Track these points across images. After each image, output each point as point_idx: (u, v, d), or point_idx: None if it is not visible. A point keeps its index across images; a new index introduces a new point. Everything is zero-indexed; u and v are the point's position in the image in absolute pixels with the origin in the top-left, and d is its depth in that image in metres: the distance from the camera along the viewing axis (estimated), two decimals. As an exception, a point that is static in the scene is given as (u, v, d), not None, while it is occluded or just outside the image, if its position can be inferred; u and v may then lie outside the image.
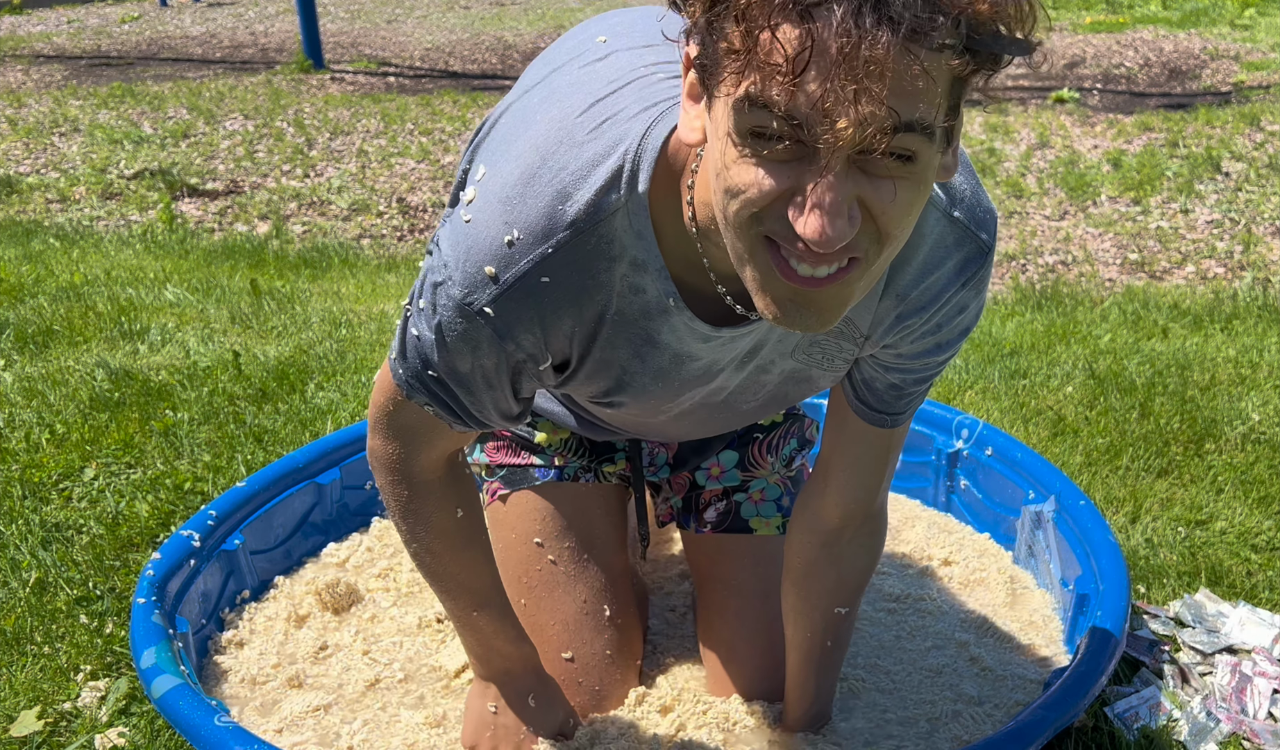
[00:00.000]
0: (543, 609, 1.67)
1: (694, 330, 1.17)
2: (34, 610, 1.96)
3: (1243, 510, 2.19)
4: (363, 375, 2.97)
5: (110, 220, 4.98)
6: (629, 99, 1.13)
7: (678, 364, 1.23)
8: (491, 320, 1.12)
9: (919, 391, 1.33)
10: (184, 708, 1.45)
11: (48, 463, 2.49)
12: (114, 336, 3.32)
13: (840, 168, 0.89)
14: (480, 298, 1.11)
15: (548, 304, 1.13)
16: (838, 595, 1.50)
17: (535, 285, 1.11)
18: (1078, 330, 3.21)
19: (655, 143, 1.08)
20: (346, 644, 1.85)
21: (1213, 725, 1.62)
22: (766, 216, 0.93)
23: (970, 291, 1.22)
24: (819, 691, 1.59)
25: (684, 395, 1.30)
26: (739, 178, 0.92)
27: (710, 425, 1.46)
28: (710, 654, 1.73)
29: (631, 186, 1.08)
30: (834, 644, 1.55)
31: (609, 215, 1.09)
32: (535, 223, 1.09)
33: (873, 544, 1.49)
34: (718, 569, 1.75)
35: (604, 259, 1.12)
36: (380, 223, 4.93)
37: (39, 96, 7.95)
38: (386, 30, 10.92)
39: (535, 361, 1.17)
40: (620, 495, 1.80)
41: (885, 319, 1.22)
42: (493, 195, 1.11)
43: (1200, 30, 8.67)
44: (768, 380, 1.33)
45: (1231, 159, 5.14)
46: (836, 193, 0.89)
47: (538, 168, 1.10)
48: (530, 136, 1.13)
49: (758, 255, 0.97)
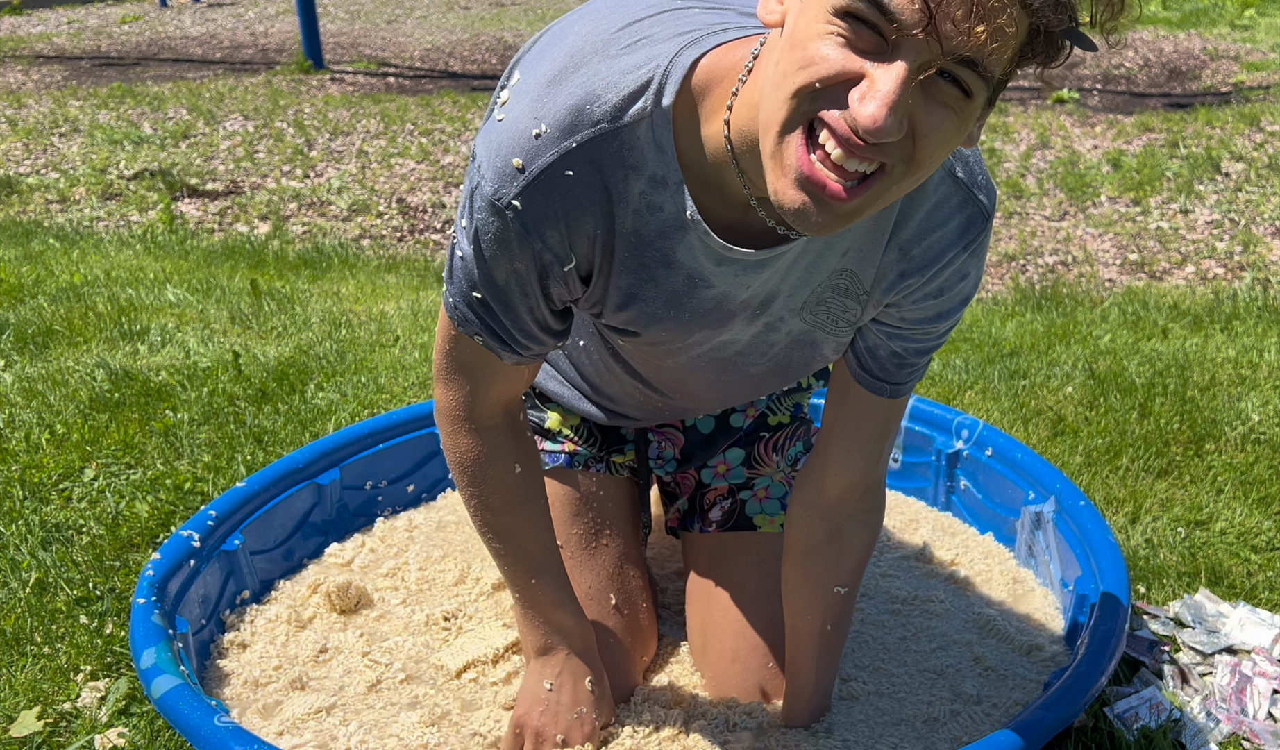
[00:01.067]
0: None
1: (708, 247, 1.21)
2: (34, 610, 1.96)
3: (1243, 510, 2.19)
4: (362, 375, 2.97)
5: (110, 221, 4.98)
6: (666, 24, 1.18)
7: (690, 287, 1.26)
8: (520, 214, 1.17)
9: (920, 363, 1.37)
10: (184, 708, 1.45)
11: (48, 463, 2.49)
12: (114, 337, 3.32)
13: (911, 71, 0.95)
14: (509, 190, 1.16)
15: (571, 200, 1.17)
16: (838, 573, 1.51)
17: (560, 177, 1.15)
18: (1078, 331, 3.21)
19: (684, 63, 1.14)
20: (349, 645, 1.85)
21: (1212, 725, 1.62)
22: (825, 94, 0.98)
23: (972, 257, 1.26)
24: (819, 679, 1.58)
25: (694, 334, 1.33)
26: (818, 50, 0.97)
27: (717, 390, 1.50)
28: (710, 653, 1.73)
29: (658, 99, 1.13)
30: (834, 628, 1.55)
31: (634, 122, 1.14)
32: (562, 117, 1.13)
33: (872, 520, 1.51)
34: (720, 567, 1.75)
35: (624, 166, 1.16)
36: (380, 223, 4.93)
37: (39, 97, 7.95)
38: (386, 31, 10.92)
39: (561, 262, 1.21)
40: (631, 488, 1.80)
41: (889, 274, 1.26)
42: (525, 93, 1.17)
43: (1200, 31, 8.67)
44: (775, 341, 1.37)
45: (1231, 159, 5.14)
46: (901, 89, 0.94)
47: (570, 70, 1.15)
48: (566, 44, 1.18)
49: (792, 134, 1.01)
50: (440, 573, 2.04)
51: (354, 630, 1.89)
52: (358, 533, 2.21)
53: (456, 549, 2.12)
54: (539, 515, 1.49)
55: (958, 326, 3.27)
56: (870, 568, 2.05)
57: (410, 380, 2.94)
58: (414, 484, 2.31)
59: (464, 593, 1.98)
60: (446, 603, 1.94)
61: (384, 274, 4.08)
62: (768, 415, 1.79)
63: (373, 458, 2.24)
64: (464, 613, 1.91)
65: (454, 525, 2.23)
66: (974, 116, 1.00)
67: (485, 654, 1.78)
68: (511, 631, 1.83)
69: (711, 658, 1.73)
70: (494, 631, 1.83)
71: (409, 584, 2.02)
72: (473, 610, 1.92)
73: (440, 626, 1.88)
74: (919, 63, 0.94)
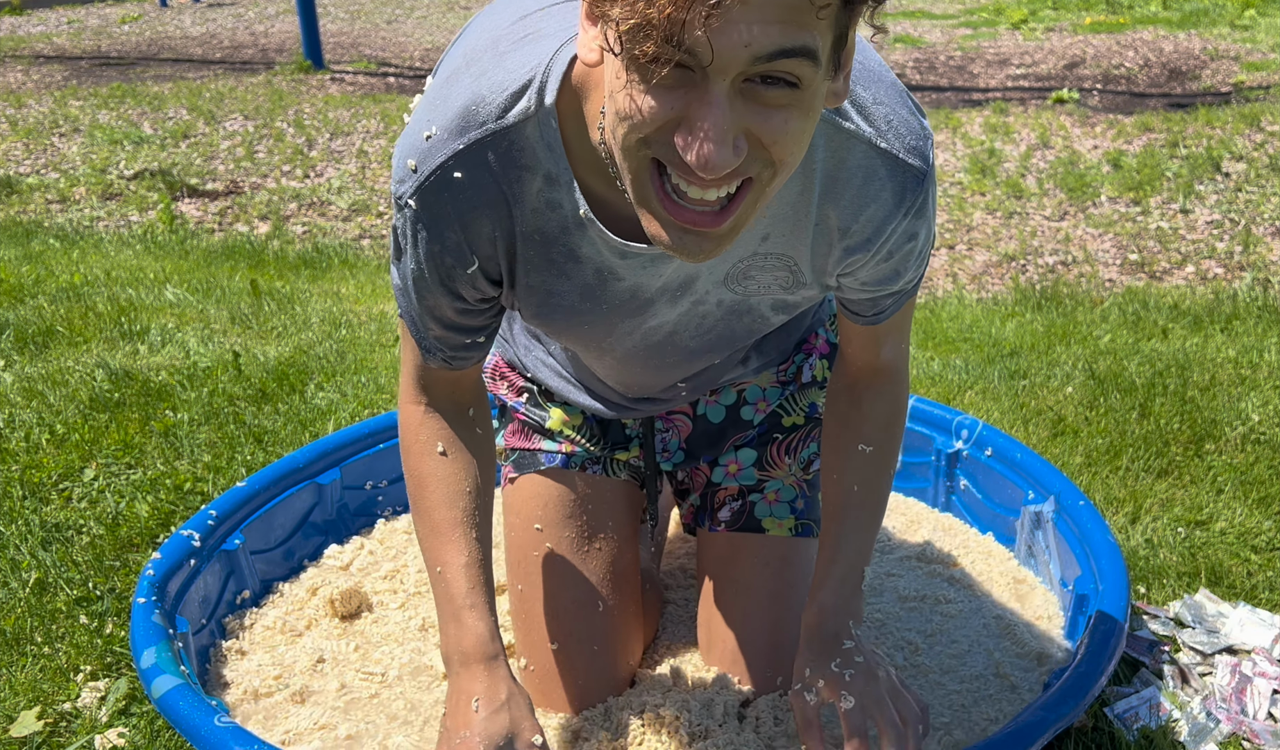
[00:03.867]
0: (535, 596, 1.67)
1: (609, 243, 1.21)
2: (34, 610, 1.96)
3: (1243, 511, 2.19)
4: (362, 375, 2.97)
5: (110, 221, 4.98)
6: (553, 20, 1.19)
7: (601, 280, 1.27)
8: (417, 213, 1.20)
9: (894, 302, 1.38)
10: (184, 708, 1.45)
11: (48, 463, 2.49)
12: (114, 337, 3.32)
13: (726, 95, 0.92)
14: (405, 190, 1.19)
15: (463, 202, 1.18)
16: (860, 432, 1.50)
17: (450, 180, 1.16)
18: (1078, 331, 3.21)
19: (563, 61, 1.13)
20: (345, 652, 1.84)
21: (1212, 726, 1.62)
22: (654, 141, 0.97)
23: (915, 219, 1.25)
24: (845, 546, 1.49)
25: (619, 325, 1.35)
26: (627, 103, 0.95)
27: (668, 367, 1.51)
28: (714, 651, 1.73)
29: (540, 98, 1.13)
30: (860, 490, 1.49)
31: (520, 121, 1.14)
32: (450, 119, 1.15)
33: (889, 390, 1.51)
34: (728, 568, 1.75)
35: (516, 167, 1.17)
36: (380, 223, 4.93)
37: (39, 97, 7.95)
38: (386, 31, 10.92)
39: (461, 264, 1.23)
40: (629, 491, 1.78)
41: (832, 254, 1.27)
42: (423, 99, 1.21)
43: (1200, 31, 8.67)
44: (707, 313, 1.38)
45: (1231, 159, 5.14)
46: (721, 121, 0.92)
47: (461, 70, 1.17)
48: (464, 44, 1.22)
49: (645, 183, 1.00)
50: (440, 573, 2.04)
51: (352, 635, 1.89)
52: (357, 535, 2.20)
53: (456, 549, 2.12)
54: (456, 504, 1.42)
55: (958, 326, 3.27)
56: (875, 566, 2.05)
57: (410, 380, 2.94)
58: (414, 484, 2.31)
59: (463, 593, 1.98)
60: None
61: (384, 274, 4.08)
62: (781, 415, 1.76)
63: (373, 458, 2.24)
64: (463, 613, 1.91)
65: (454, 525, 2.23)
66: (820, 93, 0.96)
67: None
68: (505, 635, 1.82)
69: (715, 656, 1.73)
70: (493, 632, 1.83)
71: (407, 587, 2.02)
72: (472, 610, 1.92)
73: (435, 630, 1.88)
74: (729, 81, 0.91)
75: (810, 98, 0.95)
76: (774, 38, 0.88)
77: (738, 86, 0.92)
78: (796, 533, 1.74)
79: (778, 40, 0.88)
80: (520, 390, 1.77)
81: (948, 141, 5.82)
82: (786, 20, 0.88)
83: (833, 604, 1.46)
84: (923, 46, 8.57)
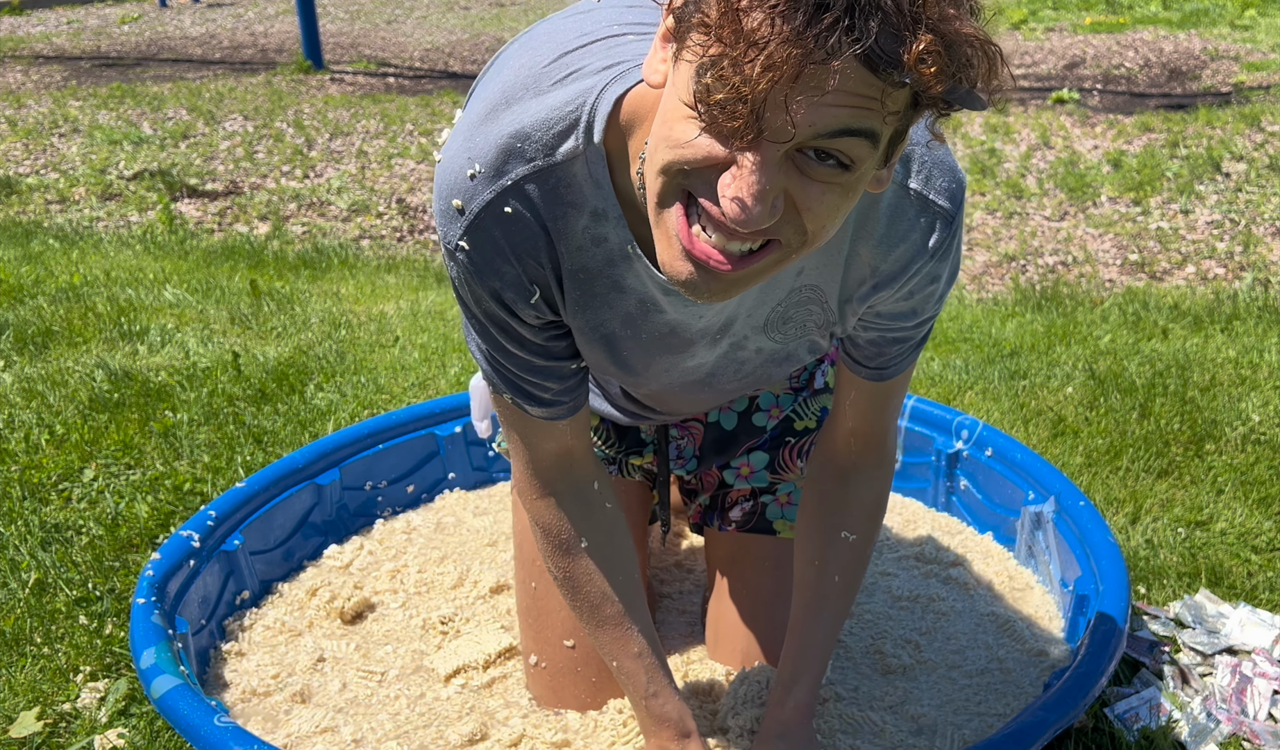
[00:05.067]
0: (551, 593, 1.67)
1: (655, 278, 1.21)
2: (33, 611, 1.96)
3: (1243, 511, 2.19)
4: (362, 376, 2.97)
5: (110, 221, 4.98)
6: (595, 55, 1.17)
7: (644, 311, 1.26)
8: (470, 255, 1.17)
9: (898, 354, 1.36)
10: (183, 708, 1.45)
11: (47, 464, 2.49)
12: (113, 337, 3.32)
13: (776, 158, 0.92)
14: (454, 233, 1.17)
15: (516, 234, 1.17)
16: (845, 519, 1.48)
17: (500, 215, 1.15)
18: (1078, 331, 3.21)
19: (609, 98, 1.13)
20: (346, 652, 1.84)
21: (1213, 726, 1.62)
22: (694, 175, 0.96)
23: (940, 262, 1.24)
24: (822, 645, 1.50)
25: (657, 360, 1.33)
26: (682, 133, 0.95)
27: (702, 403, 1.52)
28: (721, 649, 1.73)
29: (589, 136, 1.13)
30: (840, 581, 1.49)
31: (568, 161, 1.13)
32: (494, 157, 1.13)
33: (877, 474, 1.49)
34: (737, 569, 1.75)
35: (564, 203, 1.16)
36: (380, 223, 4.92)
37: (39, 97, 7.95)
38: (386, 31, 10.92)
39: (524, 296, 1.21)
40: (642, 495, 1.80)
41: (861, 289, 1.26)
42: (460, 132, 1.18)
43: (1200, 31, 8.67)
44: (745, 359, 1.37)
45: (1232, 159, 5.14)
46: (763, 180, 0.92)
47: (501, 107, 1.15)
48: (501, 80, 1.19)
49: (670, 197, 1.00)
50: (439, 575, 2.04)
51: (353, 635, 1.89)
52: (356, 535, 2.20)
53: (455, 551, 2.12)
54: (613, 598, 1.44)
55: (958, 326, 3.27)
56: (871, 566, 2.05)
57: (410, 380, 2.94)
58: (414, 484, 2.31)
59: (462, 596, 1.98)
60: (444, 606, 1.94)
61: (384, 274, 4.08)
62: (793, 419, 1.77)
63: (373, 458, 2.24)
64: (461, 615, 1.91)
65: (452, 527, 2.24)
66: (866, 177, 0.97)
67: (476, 659, 1.78)
68: (506, 635, 1.82)
69: (722, 654, 1.74)
70: (489, 635, 1.83)
71: (407, 587, 2.02)
72: (470, 613, 1.92)
73: (437, 630, 1.88)
74: (785, 147, 0.91)
75: (856, 180, 0.96)
76: (842, 118, 0.89)
77: (791, 153, 0.93)
78: None
79: (845, 120, 0.90)
80: None
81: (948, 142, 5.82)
82: (858, 106, 0.89)
83: (806, 701, 1.49)
84: (922, 47, 8.57)
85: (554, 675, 1.66)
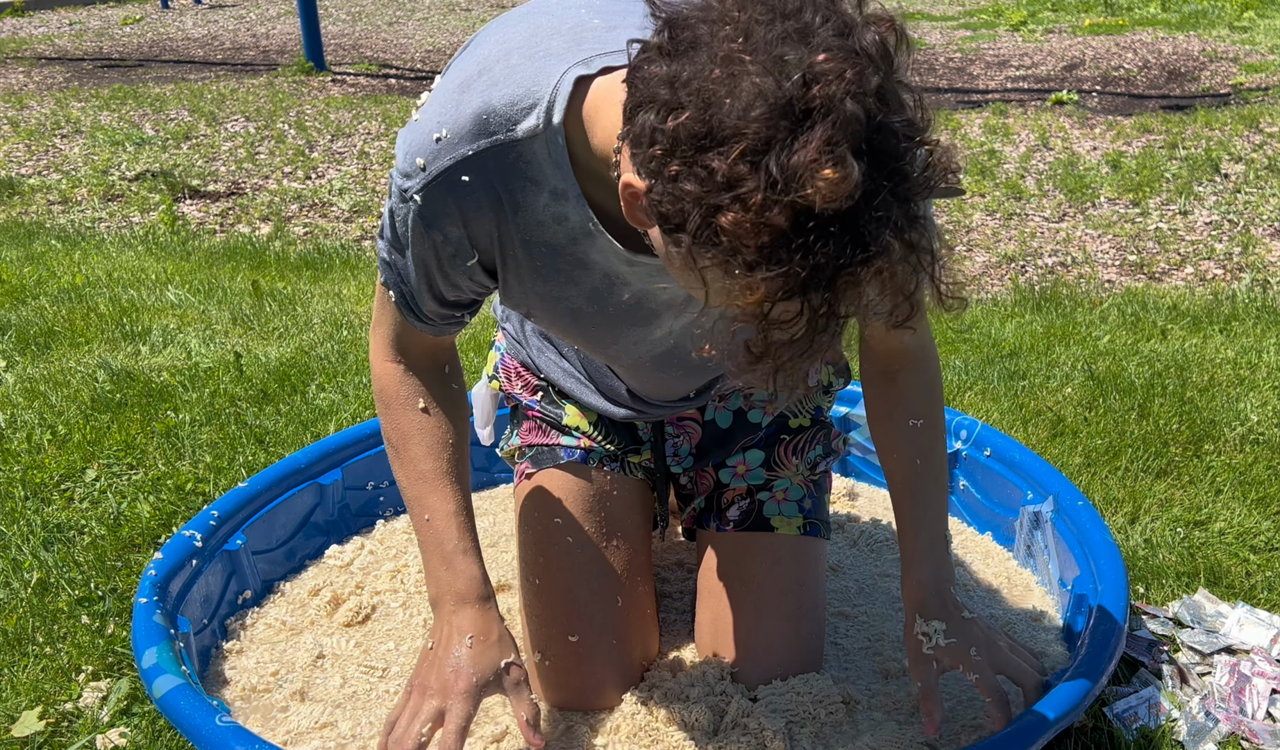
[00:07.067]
0: (555, 588, 1.68)
1: (616, 251, 1.27)
2: (35, 611, 1.96)
3: (1241, 511, 2.19)
4: (364, 376, 2.97)
5: (112, 222, 4.99)
6: (565, 42, 1.23)
7: (609, 284, 1.33)
8: (420, 207, 1.26)
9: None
10: (185, 708, 1.46)
11: (49, 463, 2.50)
12: (115, 338, 3.32)
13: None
14: (412, 185, 1.25)
15: (468, 202, 1.25)
16: (905, 408, 1.56)
17: (456, 181, 1.23)
18: (1077, 331, 3.22)
19: (569, 83, 1.18)
20: (346, 649, 1.85)
21: (1211, 725, 1.63)
22: None
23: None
24: (927, 524, 1.56)
25: (625, 333, 1.40)
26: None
27: (675, 381, 1.59)
28: (722, 649, 1.74)
29: (549, 117, 1.18)
30: (923, 463, 1.56)
31: (529, 137, 1.20)
32: (461, 125, 1.21)
33: (924, 367, 1.57)
34: (737, 567, 1.76)
35: (523, 179, 1.23)
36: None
37: (41, 98, 7.96)
38: (387, 32, 10.93)
39: (461, 256, 1.30)
40: (644, 491, 1.80)
41: None
42: (435, 98, 1.26)
43: (1199, 32, 8.67)
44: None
45: (1230, 161, 5.15)
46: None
47: (474, 79, 1.22)
48: (477, 54, 1.26)
49: None
50: (441, 573, 2.04)
51: (353, 633, 1.90)
52: (357, 535, 2.21)
53: (457, 549, 2.13)
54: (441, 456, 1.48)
55: (957, 326, 3.28)
56: (869, 567, 2.06)
57: (411, 381, 2.94)
58: (415, 484, 2.32)
59: (464, 593, 1.98)
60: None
61: (385, 275, 4.09)
62: (788, 417, 1.79)
63: (374, 458, 2.24)
64: (464, 613, 1.91)
65: (455, 526, 2.24)
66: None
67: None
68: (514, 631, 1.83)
69: (724, 652, 1.73)
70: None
71: (408, 587, 2.02)
72: (473, 610, 1.92)
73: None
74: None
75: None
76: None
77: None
78: (804, 531, 1.75)
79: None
80: (535, 389, 1.79)
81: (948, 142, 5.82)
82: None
83: (931, 575, 1.54)
84: (922, 48, 8.57)
85: (558, 671, 1.67)
